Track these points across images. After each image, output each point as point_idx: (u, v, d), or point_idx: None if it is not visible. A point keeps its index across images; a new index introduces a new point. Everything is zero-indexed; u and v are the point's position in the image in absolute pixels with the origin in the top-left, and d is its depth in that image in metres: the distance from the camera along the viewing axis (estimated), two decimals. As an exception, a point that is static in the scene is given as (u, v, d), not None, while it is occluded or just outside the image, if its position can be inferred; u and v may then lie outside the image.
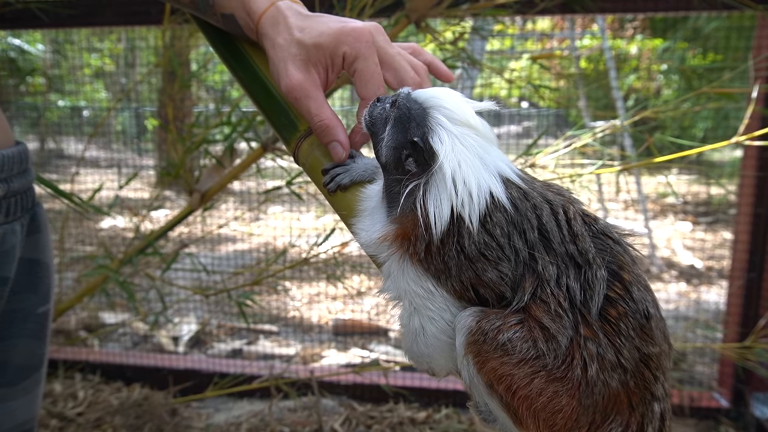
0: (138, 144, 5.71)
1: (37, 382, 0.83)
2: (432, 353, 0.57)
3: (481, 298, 0.54)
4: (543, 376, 0.49)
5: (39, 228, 0.83)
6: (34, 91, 4.93)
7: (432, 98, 0.56)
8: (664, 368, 0.52)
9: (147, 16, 2.53)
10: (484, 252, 0.52)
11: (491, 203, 0.52)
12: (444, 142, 0.53)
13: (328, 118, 0.66)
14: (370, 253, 0.58)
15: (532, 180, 0.57)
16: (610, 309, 0.51)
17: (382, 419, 2.30)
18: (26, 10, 2.34)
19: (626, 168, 1.35)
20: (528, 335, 0.50)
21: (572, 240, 0.52)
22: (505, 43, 4.55)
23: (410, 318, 0.56)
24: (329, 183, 0.66)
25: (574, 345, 0.50)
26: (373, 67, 0.66)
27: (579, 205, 0.56)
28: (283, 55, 0.66)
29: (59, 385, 2.53)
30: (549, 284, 0.51)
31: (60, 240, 2.73)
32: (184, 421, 2.35)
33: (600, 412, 0.49)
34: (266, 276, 2.08)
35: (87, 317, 3.12)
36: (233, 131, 2.17)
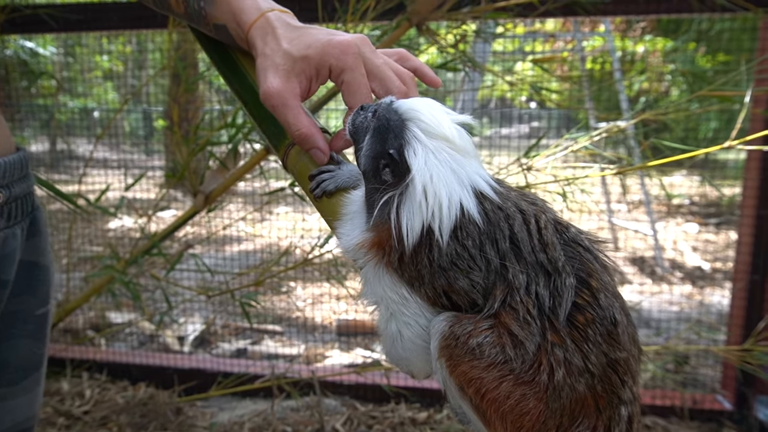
0: (146, 145, 5.76)
1: (37, 381, 0.85)
2: (409, 357, 0.59)
3: (454, 304, 0.55)
4: (511, 379, 0.51)
5: (39, 231, 0.85)
6: (45, 93, 5.00)
7: (410, 110, 0.57)
8: (632, 372, 0.53)
9: (153, 20, 2.57)
10: (456, 262, 0.53)
11: (462, 216, 0.53)
12: (418, 156, 0.54)
13: (306, 126, 0.68)
14: (350, 258, 0.60)
15: (508, 189, 0.58)
16: (578, 315, 0.52)
17: (383, 419, 2.32)
18: (35, 15, 2.39)
19: (622, 171, 1.36)
20: (497, 341, 0.51)
21: (542, 249, 0.53)
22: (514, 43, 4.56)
23: (387, 323, 0.58)
24: (315, 189, 0.67)
25: (542, 351, 0.51)
26: (359, 78, 0.67)
27: (551, 213, 0.57)
28: (267, 64, 0.68)
29: (66, 383, 2.57)
30: (518, 292, 0.52)
31: (68, 240, 2.77)
32: (188, 420, 2.38)
33: (567, 415, 0.51)
34: (268, 277, 2.11)
35: (94, 317, 3.17)
36: (237, 133, 2.20)
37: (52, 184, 1.29)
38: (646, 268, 4.15)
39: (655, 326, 3.10)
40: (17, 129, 3.81)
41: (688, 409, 2.32)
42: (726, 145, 1.20)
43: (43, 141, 5.37)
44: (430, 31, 2.14)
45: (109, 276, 2.23)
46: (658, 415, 2.33)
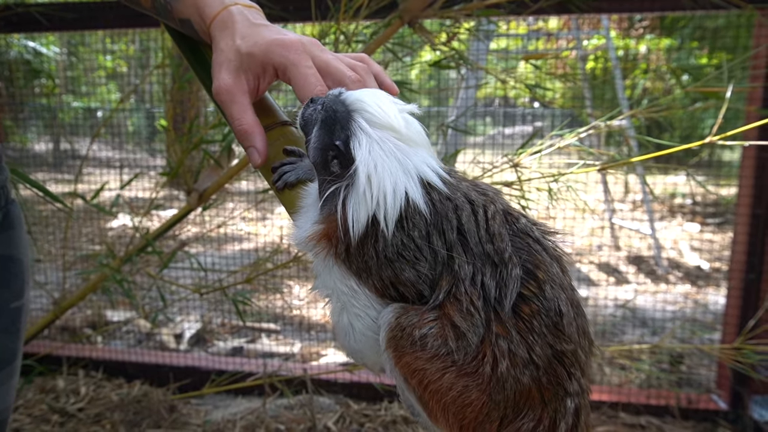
0: (149, 144, 5.80)
1: (10, 375, 0.85)
2: (362, 349, 0.58)
3: (402, 295, 0.55)
4: (454, 371, 0.50)
5: (12, 225, 0.85)
6: (48, 93, 5.03)
7: (357, 101, 0.57)
8: (581, 364, 0.53)
9: (149, 19, 2.56)
10: (402, 252, 0.53)
11: (408, 206, 0.53)
12: (362, 146, 0.54)
13: (248, 123, 0.68)
14: (303, 251, 0.60)
15: (459, 180, 0.58)
16: (523, 306, 0.52)
17: (375, 417, 2.31)
18: (30, 14, 2.40)
19: (605, 167, 1.35)
20: (440, 332, 0.51)
21: (490, 239, 0.53)
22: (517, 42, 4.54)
23: (339, 315, 0.58)
24: (277, 180, 0.67)
25: (486, 342, 0.51)
26: (304, 70, 0.67)
27: (502, 204, 0.57)
28: (220, 59, 0.69)
29: (62, 381, 2.59)
30: (464, 283, 0.52)
31: (64, 239, 2.78)
32: (182, 417, 2.39)
33: (511, 407, 0.50)
34: (259, 274, 2.11)
35: (92, 315, 3.18)
36: (231, 132, 2.20)
37: (36, 181, 1.30)
38: (645, 268, 4.13)
39: (653, 326, 3.08)
40: (21, 128, 3.84)
41: (683, 409, 2.31)
42: (707, 140, 1.19)
43: (47, 141, 5.41)
44: (422, 29, 2.14)
45: (104, 274, 2.24)
46: (652, 415, 2.32)
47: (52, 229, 3.26)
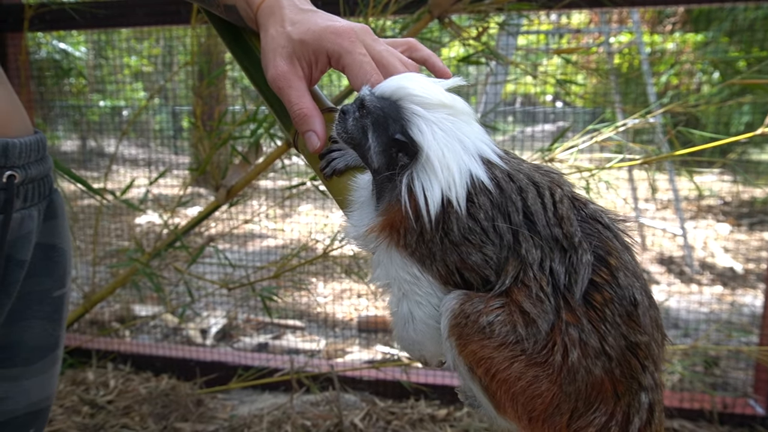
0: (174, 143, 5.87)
1: (53, 362, 0.86)
2: (422, 339, 0.56)
3: (466, 281, 0.53)
4: (523, 360, 0.48)
5: (56, 214, 0.86)
6: (76, 92, 5.12)
7: (399, 89, 0.55)
8: (654, 357, 0.50)
9: (177, 16, 2.60)
10: (468, 236, 0.51)
11: (473, 186, 0.51)
12: (423, 130, 0.53)
13: (307, 107, 0.66)
14: (360, 246, 0.59)
15: (519, 161, 0.56)
16: (595, 294, 0.49)
17: (402, 415, 2.30)
18: (63, 11, 2.44)
19: (647, 161, 1.31)
20: (508, 319, 0.49)
21: (558, 223, 0.51)
22: (540, 39, 4.48)
23: (399, 304, 0.56)
24: (325, 167, 0.66)
25: (556, 330, 0.48)
26: (359, 57, 0.65)
27: (568, 187, 0.54)
28: (273, 45, 0.68)
29: (92, 373, 2.62)
30: (532, 268, 0.50)
31: (94, 234, 2.83)
32: (208, 411, 2.40)
33: (582, 400, 0.48)
34: (285, 270, 2.11)
35: (120, 309, 3.23)
36: (259, 127, 2.21)
37: (74, 173, 1.31)
38: (675, 269, 4.03)
39: (684, 327, 3.01)
40: (50, 127, 3.91)
41: (718, 414, 2.24)
42: (759, 131, 1.15)
43: (75, 139, 5.50)
44: (452, 24, 2.11)
45: (133, 268, 2.26)
46: (686, 419, 2.25)
47: (82, 224, 3.31)
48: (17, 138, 0.76)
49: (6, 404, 0.79)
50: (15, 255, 0.78)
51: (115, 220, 4.07)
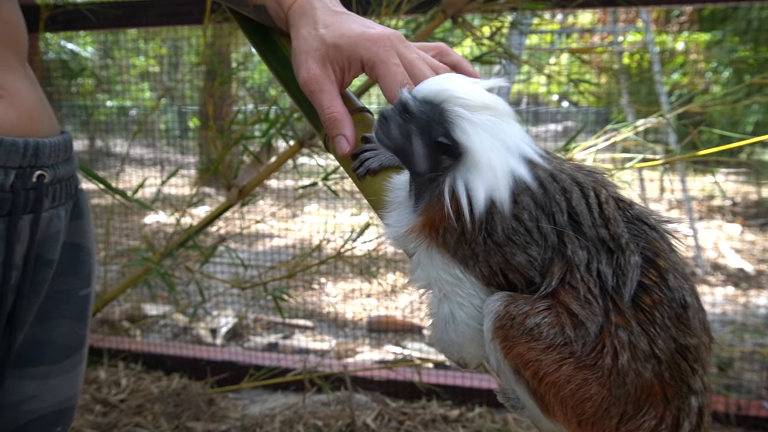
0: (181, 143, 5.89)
1: (79, 361, 0.86)
2: (462, 341, 0.56)
3: (510, 283, 0.53)
4: (571, 362, 0.48)
5: (81, 214, 0.86)
6: (84, 93, 5.14)
7: (442, 91, 0.55)
8: (703, 361, 0.50)
9: (189, 16, 2.60)
10: (512, 237, 0.51)
11: (517, 186, 0.51)
12: (467, 133, 0.53)
13: (338, 111, 0.67)
14: (399, 247, 0.58)
15: (560, 161, 0.55)
16: (644, 296, 0.49)
17: (414, 416, 2.29)
18: (76, 12, 2.45)
19: (669, 161, 1.30)
20: (556, 321, 0.49)
21: (604, 224, 0.50)
22: (546, 38, 4.47)
23: (440, 305, 0.56)
24: (358, 167, 0.66)
25: (605, 332, 0.48)
26: (394, 68, 0.65)
27: (612, 188, 0.54)
28: (305, 48, 0.67)
29: (104, 372, 2.63)
30: (578, 269, 0.49)
31: (105, 234, 2.83)
32: (220, 410, 2.40)
33: (632, 403, 0.48)
34: (300, 270, 2.11)
35: (130, 308, 3.24)
36: (271, 128, 2.21)
37: (97, 174, 1.31)
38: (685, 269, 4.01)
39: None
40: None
41: (732, 415, 2.23)
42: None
43: (83, 139, 5.52)
44: (465, 23, 2.11)
45: (145, 267, 2.27)
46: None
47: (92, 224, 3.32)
48: (47, 138, 0.77)
49: (34, 403, 0.80)
50: (44, 254, 0.78)
51: (124, 220, 4.08)
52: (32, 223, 0.74)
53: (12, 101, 0.73)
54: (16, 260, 0.73)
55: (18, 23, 0.78)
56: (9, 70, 0.74)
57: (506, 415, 2.34)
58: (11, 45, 0.75)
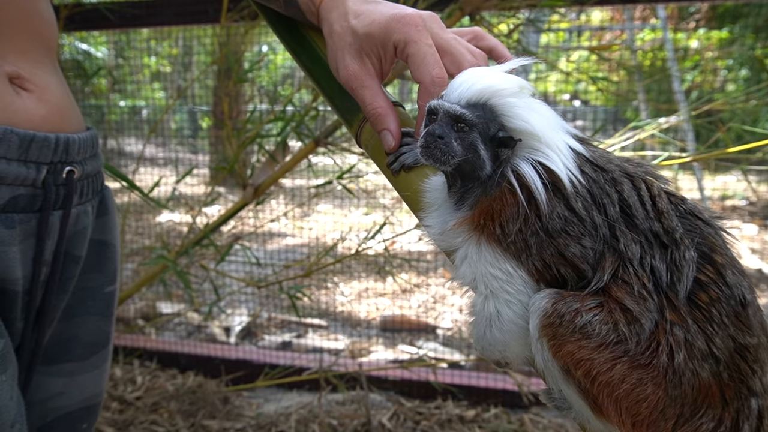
0: (193, 142, 5.92)
1: (105, 358, 0.86)
2: (507, 340, 0.54)
3: (562, 277, 0.51)
4: (625, 361, 0.46)
5: (107, 210, 0.86)
6: (97, 93, 5.18)
7: (484, 90, 0.53)
8: (762, 361, 0.48)
9: (204, 15, 2.61)
10: (566, 228, 0.49)
11: (571, 174, 0.50)
12: (524, 118, 0.52)
13: (382, 106, 0.65)
14: (443, 245, 0.57)
15: (605, 152, 0.54)
16: (700, 293, 0.47)
17: (430, 416, 2.28)
18: (94, 11, 2.46)
19: (697, 158, 1.28)
20: (608, 318, 0.47)
21: (657, 217, 0.49)
22: (559, 36, 4.44)
23: (484, 303, 0.54)
24: (393, 163, 0.65)
25: (660, 330, 0.46)
26: (425, 48, 0.63)
27: (663, 181, 0.52)
28: (340, 44, 0.66)
29: (119, 369, 2.64)
30: (632, 264, 0.48)
31: (121, 233, 2.85)
32: (235, 409, 2.41)
33: (689, 405, 0.46)
34: (317, 269, 2.10)
35: (145, 307, 3.25)
36: (286, 126, 2.21)
37: (120, 171, 1.31)
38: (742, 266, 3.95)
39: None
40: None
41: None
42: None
43: (96, 139, 5.53)
44: (483, 21, 2.09)
45: (161, 266, 2.27)
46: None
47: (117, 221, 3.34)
48: (76, 134, 0.76)
49: (62, 399, 0.79)
50: (72, 251, 0.78)
51: (138, 218, 4.10)
52: (62, 219, 0.74)
53: (42, 96, 0.73)
54: (45, 256, 0.73)
55: (49, 19, 0.77)
56: (39, 65, 0.74)
57: (523, 415, 2.32)
58: (42, 40, 0.75)
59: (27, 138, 0.68)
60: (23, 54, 0.72)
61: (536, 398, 2.23)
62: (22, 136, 0.68)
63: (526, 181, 0.50)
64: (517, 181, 0.51)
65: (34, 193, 0.70)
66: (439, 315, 3.27)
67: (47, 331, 0.76)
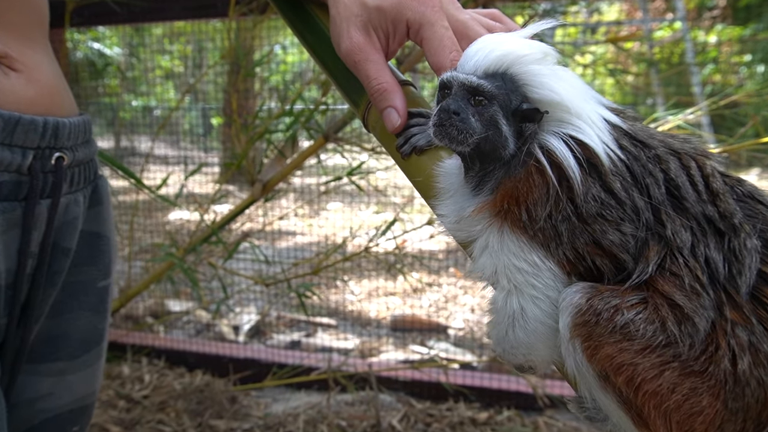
0: (204, 141, 5.92)
1: (98, 356, 0.81)
2: (533, 341, 0.48)
3: (598, 269, 0.45)
4: (676, 367, 0.40)
5: (100, 200, 0.81)
6: (110, 92, 5.19)
7: (503, 56, 0.47)
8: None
9: (213, 10, 2.57)
10: (602, 211, 0.43)
11: (608, 149, 0.43)
12: (551, 87, 0.46)
13: (387, 82, 0.59)
14: (460, 236, 0.51)
15: (645, 126, 0.47)
16: (765, 288, 0.41)
17: (441, 417, 2.22)
18: (102, 5, 2.43)
19: (729, 150, 1.21)
20: (654, 315, 0.41)
21: (711, 200, 0.42)
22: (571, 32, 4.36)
23: (507, 299, 0.48)
24: (403, 145, 0.59)
25: (718, 330, 0.40)
26: (441, 31, 0.58)
27: (716, 159, 0.46)
28: (346, 14, 0.60)
29: (127, 367, 2.62)
30: (681, 253, 0.41)
31: (130, 230, 2.83)
32: (243, 409, 2.36)
33: (752, 420, 0.39)
34: (326, 267, 2.05)
35: (153, 304, 3.23)
36: (295, 122, 2.16)
37: (117, 161, 1.27)
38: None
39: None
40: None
41: None
42: None
43: (109, 138, 5.57)
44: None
45: (169, 263, 2.24)
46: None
47: (115, 220, 3.33)
48: (67, 118, 0.72)
49: (51, 400, 0.75)
50: (61, 242, 0.73)
51: (147, 216, 4.09)
52: (50, 208, 0.69)
53: (31, 77, 0.69)
54: (32, 248, 0.68)
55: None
56: (30, 43, 0.69)
57: (537, 418, 2.25)
58: (34, 14, 0.70)
59: (12, 120, 0.64)
60: (13, 29, 0.67)
61: (551, 400, 2.16)
62: (6, 118, 0.63)
63: (556, 158, 0.44)
64: (546, 158, 0.44)
65: (20, 180, 0.66)
66: (450, 315, 3.20)
67: (33, 328, 0.71)
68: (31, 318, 0.69)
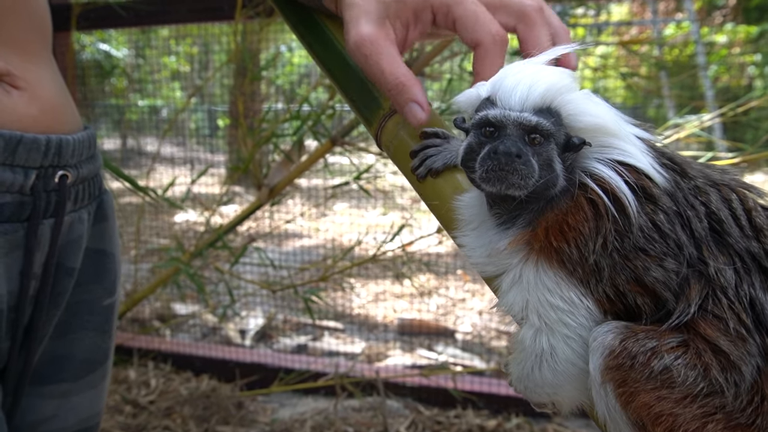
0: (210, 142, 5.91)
1: (102, 376, 0.79)
2: (560, 382, 0.45)
3: (638, 308, 0.42)
4: (720, 419, 0.37)
5: (106, 216, 0.79)
6: (117, 93, 5.20)
7: (548, 90, 0.44)
8: None
9: (220, 12, 2.56)
10: (645, 246, 0.40)
11: (659, 173, 0.41)
12: (588, 112, 0.43)
13: (404, 74, 0.55)
14: (488, 270, 0.48)
15: (681, 156, 0.45)
16: None
17: (449, 425, 2.19)
18: (108, 8, 2.42)
19: (747, 159, 1.18)
20: (696, 361, 0.38)
21: (755, 235, 0.40)
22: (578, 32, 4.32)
23: (536, 337, 0.45)
24: (419, 167, 0.56)
25: (764, 379, 0.37)
26: (472, 6, 0.54)
27: (757, 192, 0.43)
28: (357, 12, 0.56)
29: (133, 372, 2.61)
30: (725, 294, 0.39)
31: (136, 232, 2.82)
32: (249, 414, 2.35)
33: None
34: (333, 273, 2.03)
35: (160, 307, 3.22)
36: (302, 126, 2.14)
37: (124, 173, 1.26)
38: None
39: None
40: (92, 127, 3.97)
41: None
42: None
43: (115, 139, 5.58)
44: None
45: (175, 267, 2.23)
46: None
47: (122, 222, 3.32)
48: (70, 135, 0.70)
49: (55, 423, 0.73)
50: (65, 262, 0.71)
51: (154, 218, 4.09)
52: (53, 228, 0.67)
53: (33, 94, 0.67)
54: (34, 269, 0.66)
55: (44, 7, 0.71)
56: (33, 58, 0.67)
57: (546, 425, 2.22)
58: (37, 31, 0.68)
59: (13, 140, 0.62)
60: (15, 45, 0.65)
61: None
62: (7, 138, 0.61)
63: (608, 186, 0.41)
64: (599, 187, 0.42)
65: (22, 200, 0.64)
66: (458, 318, 3.18)
67: (37, 350, 0.69)
68: (35, 340, 0.68)
